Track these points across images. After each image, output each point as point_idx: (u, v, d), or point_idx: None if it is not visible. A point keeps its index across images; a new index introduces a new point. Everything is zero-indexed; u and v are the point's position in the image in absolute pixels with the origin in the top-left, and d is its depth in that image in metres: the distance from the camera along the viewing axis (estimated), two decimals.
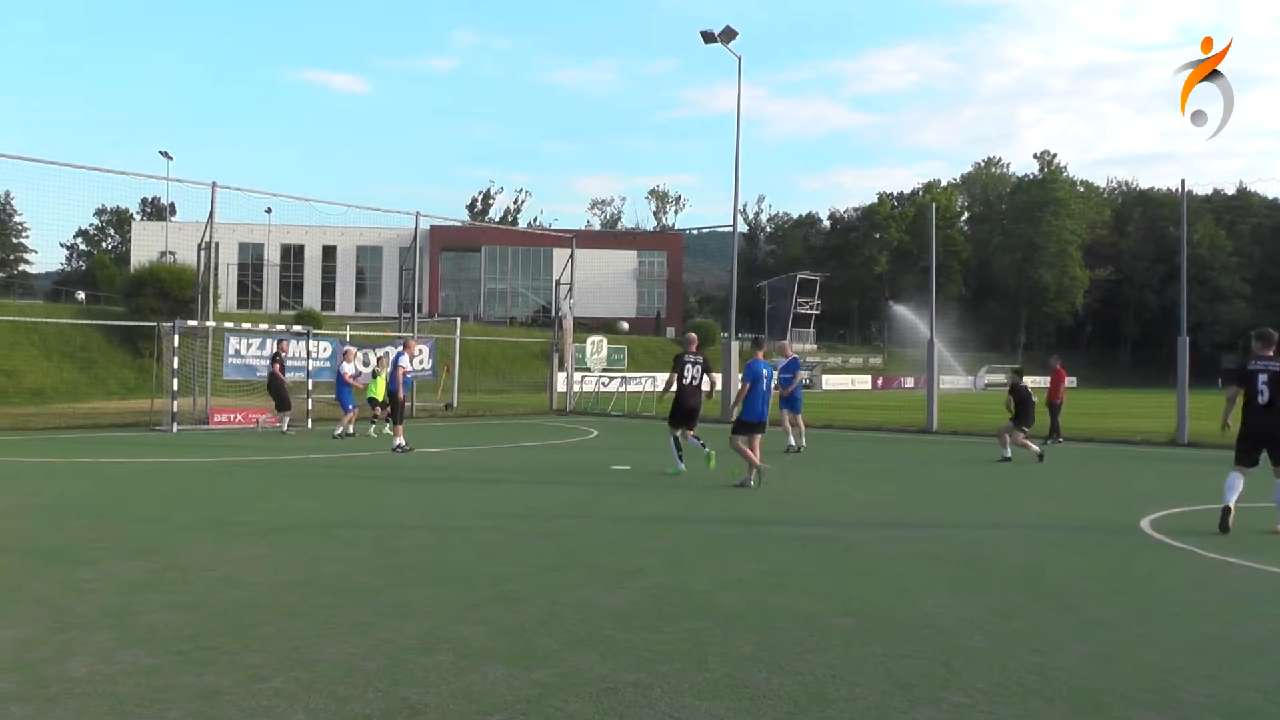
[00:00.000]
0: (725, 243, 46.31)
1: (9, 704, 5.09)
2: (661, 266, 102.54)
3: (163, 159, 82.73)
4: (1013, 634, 6.70)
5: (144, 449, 19.93)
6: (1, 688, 5.34)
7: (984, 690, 5.51)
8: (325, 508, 12.60)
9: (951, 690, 5.50)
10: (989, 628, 6.86)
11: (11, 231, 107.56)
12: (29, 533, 10.36)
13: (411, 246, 36.19)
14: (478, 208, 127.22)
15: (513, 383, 55.09)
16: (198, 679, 5.53)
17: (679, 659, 6.00)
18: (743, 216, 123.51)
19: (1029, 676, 5.75)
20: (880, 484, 16.17)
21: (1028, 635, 6.68)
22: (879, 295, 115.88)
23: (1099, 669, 5.95)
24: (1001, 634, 6.70)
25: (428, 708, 5.11)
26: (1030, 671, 5.84)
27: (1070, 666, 5.99)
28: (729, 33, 32.87)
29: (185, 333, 26.61)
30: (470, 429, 27.76)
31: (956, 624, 6.95)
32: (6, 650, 6.04)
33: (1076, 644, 6.50)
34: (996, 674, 5.80)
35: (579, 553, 9.65)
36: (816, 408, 40.94)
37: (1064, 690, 5.54)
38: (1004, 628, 6.87)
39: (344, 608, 7.21)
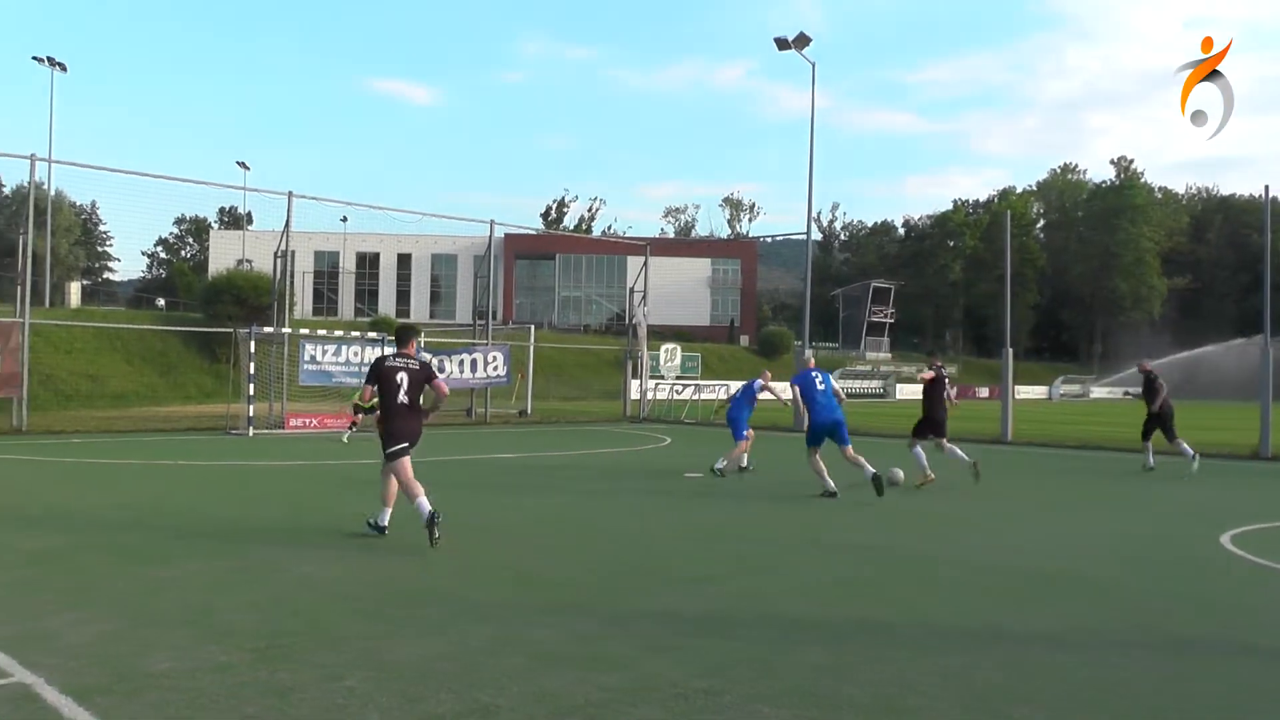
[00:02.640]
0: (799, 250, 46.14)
1: (93, 695, 5.19)
2: (735, 274, 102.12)
3: (240, 169, 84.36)
4: (1087, 649, 6.56)
5: (221, 452, 20.22)
6: (86, 680, 5.44)
7: (1055, 706, 5.41)
8: (398, 511, 12.68)
9: (1023, 704, 5.41)
10: (1063, 642, 6.72)
11: (96, 240, 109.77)
12: (112, 532, 10.56)
13: (486, 254, 36.41)
14: (552, 216, 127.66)
15: (586, 390, 55.18)
16: (273, 676, 5.60)
17: (750, 666, 5.96)
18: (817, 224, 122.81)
19: (1103, 694, 5.63)
20: (952, 495, 15.96)
21: (1102, 651, 6.54)
22: (953, 303, 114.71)
23: (1175, 689, 5.81)
24: (1075, 649, 6.56)
25: (500, 710, 5.13)
26: (1104, 689, 5.72)
27: (1145, 685, 5.85)
28: (803, 39, 32.86)
29: (261, 339, 27.00)
30: (543, 435, 27.86)
31: (1029, 637, 6.84)
32: (90, 644, 6.16)
33: (1152, 662, 6.37)
34: (1069, 690, 5.68)
35: (651, 559, 9.64)
36: (888, 418, 40.61)
37: (1138, 710, 5.42)
38: (1078, 643, 6.73)
39: (417, 609, 7.26)
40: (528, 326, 44.12)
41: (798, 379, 15.46)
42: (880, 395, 75.13)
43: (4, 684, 5.39)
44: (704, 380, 46.48)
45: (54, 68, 58.11)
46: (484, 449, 22.08)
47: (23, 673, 5.55)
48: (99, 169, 40.26)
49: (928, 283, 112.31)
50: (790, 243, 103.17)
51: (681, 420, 35.58)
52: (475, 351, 33.49)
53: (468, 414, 35.01)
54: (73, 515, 11.69)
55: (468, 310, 65.51)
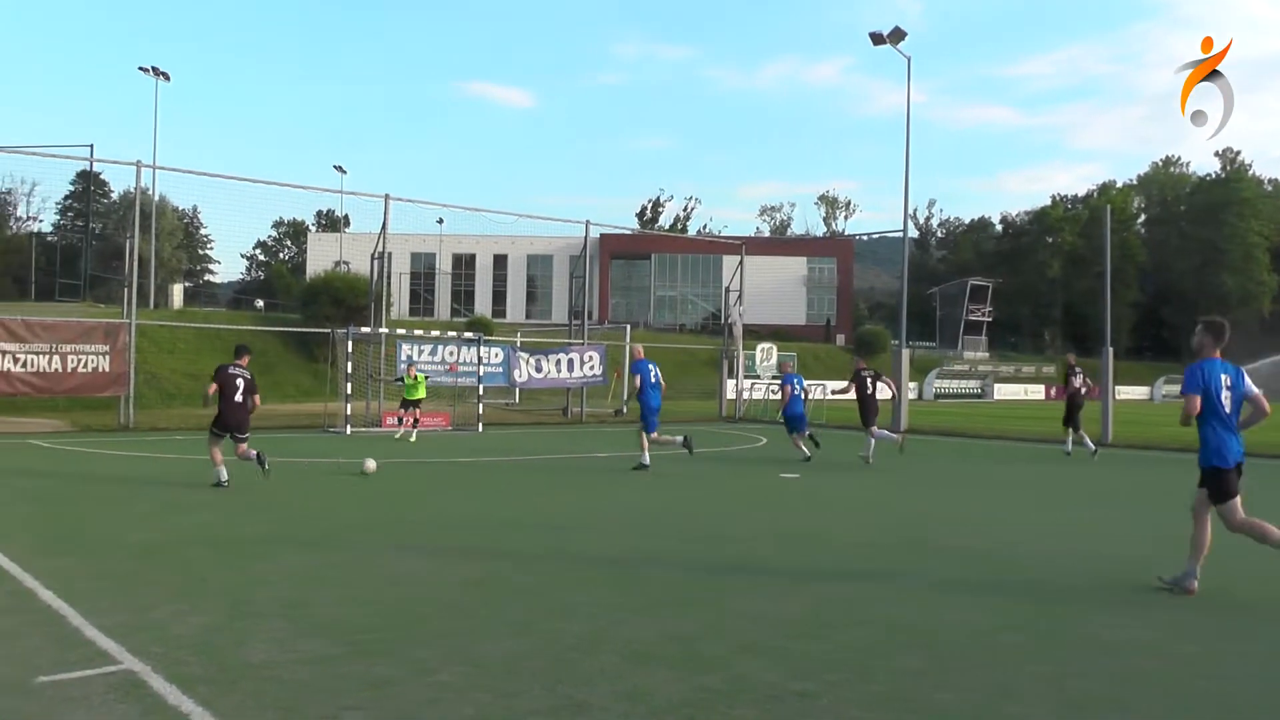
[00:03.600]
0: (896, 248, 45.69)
1: (196, 684, 5.31)
2: (831, 273, 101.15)
3: (337, 173, 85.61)
4: (1190, 659, 6.37)
5: (318, 450, 20.53)
6: (189, 669, 5.57)
7: (1157, 716, 5.29)
8: (493, 508, 12.80)
9: (1123, 714, 5.29)
10: (1165, 651, 6.54)
11: (198, 244, 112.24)
12: (213, 527, 10.77)
13: (582, 255, 36.57)
14: (647, 215, 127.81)
15: (682, 389, 55.01)
16: (368, 669, 5.66)
17: (846, 669, 5.90)
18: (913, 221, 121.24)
19: (1205, 705, 5.48)
20: (1053, 497, 15.71)
21: (1206, 661, 6.34)
22: (1051, 301, 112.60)
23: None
24: (1178, 658, 6.38)
25: (592, 707, 5.13)
26: (1207, 699, 5.56)
27: (1250, 697, 5.67)
28: (898, 34, 32.52)
29: (358, 339, 27.38)
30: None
31: (1130, 644, 6.65)
32: (193, 635, 6.31)
33: (1259, 674, 6.16)
34: (1170, 700, 5.54)
35: (746, 559, 9.59)
36: (987, 418, 40.10)
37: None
38: (1181, 652, 6.53)
39: (510, 605, 7.30)
40: (623, 326, 44.15)
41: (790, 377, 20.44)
42: (978, 395, 74.00)
43: (113, 671, 5.54)
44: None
45: (158, 77, 59.44)
46: (580, 448, 22.19)
47: (131, 660, 5.70)
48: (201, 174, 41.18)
49: (1026, 280, 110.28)
50: (886, 240, 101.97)
51: (777, 420, 35.36)
52: (571, 351, 33.68)
53: (564, 413, 35.23)
54: (176, 510, 11.94)
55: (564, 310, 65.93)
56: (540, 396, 39.45)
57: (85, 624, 6.48)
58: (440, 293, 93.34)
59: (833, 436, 27.04)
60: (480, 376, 29.24)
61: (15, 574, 7.99)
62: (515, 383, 33.07)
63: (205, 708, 4.98)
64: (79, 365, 24.75)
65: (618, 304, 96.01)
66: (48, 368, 24.41)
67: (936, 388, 71.59)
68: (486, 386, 29.93)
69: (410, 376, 24.49)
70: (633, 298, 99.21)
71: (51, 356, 24.45)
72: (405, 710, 5.04)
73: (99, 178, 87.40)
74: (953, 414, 43.30)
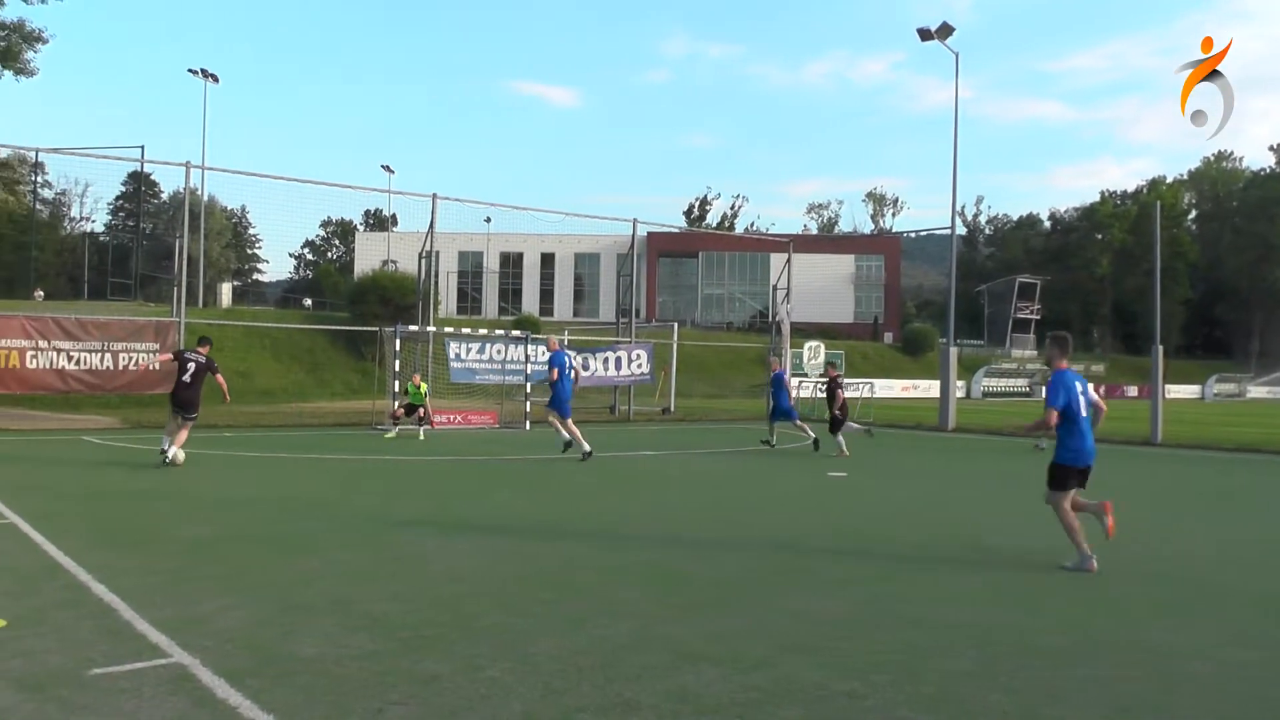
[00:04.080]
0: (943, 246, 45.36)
1: (244, 678, 5.34)
2: (879, 270, 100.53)
3: (385, 172, 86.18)
4: (1244, 666, 6.23)
5: (367, 447, 20.62)
6: (237, 663, 5.61)
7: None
8: (542, 507, 12.80)
9: (1167, 718, 5.21)
10: (1217, 656, 6.39)
11: (246, 243, 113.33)
12: (262, 523, 10.85)
13: (629, 253, 36.55)
14: (694, 214, 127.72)
15: (729, 388, 55.09)
16: (417, 665, 5.66)
17: (893, 670, 5.84)
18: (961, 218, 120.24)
19: (1258, 714, 5.38)
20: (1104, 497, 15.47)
21: (1261, 668, 6.20)
22: (1100, 299, 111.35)
23: None
24: (1231, 664, 6.23)
25: (641, 705, 5.11)
26: (1262, 708, 5.46)
27: None
28: (945, 29, 32.28)
29: (406, 337, 27.49)
30: (686, 433, 27.83)
31: (1181, 650, 6.53)
32: (241, 629, 6.34)
33: None
34: (1222, 707, 5.42)
35: (794, 558, 9.53)
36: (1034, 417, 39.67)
37: None
38: (1234, 658, 6.38)
39: (560, 603, 7.28)
40: (671, 324, 44.05)
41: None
42: (1026, 395, 73.29)
43: (164, 664, 5.59)
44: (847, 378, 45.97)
45: (207, 79, 59.96)
46: (627, 446, 22.15)
47: (180, 654, 5.75)
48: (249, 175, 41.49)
49: (1074, 278, 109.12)
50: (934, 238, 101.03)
51: (824, 419, 35.19)
52: (619, 349, 33.67)
53: (611, 411, 35.20)
54: (226, 506, 12.03)
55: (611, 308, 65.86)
56: (587, 395, 39.50)
57: (136, 618, 6.54)
58: (488, 291, 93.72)
59: (883, 436, 26.87)
60: (527, 375, 29.28)
61: (70, 568, 8.07)
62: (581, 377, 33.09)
63: (254, 700, 5.01)
64: (130, 363, 25.01)
65: (665, 302, 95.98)
66: (100, 365, 24.70)
67: (984, 386, 71.07)
68: (533, 385, 29.97)
69: (414, 384, 24.73)
70: (680, 296, 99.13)
71: (104, 354, 24.73)
72: (453, 706, 5.04)
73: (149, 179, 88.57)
74: (1000, 412, 42.93)
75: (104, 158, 32.28)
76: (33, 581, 7.62)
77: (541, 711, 4.99)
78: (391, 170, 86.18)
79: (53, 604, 6.93)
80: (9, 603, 6.90)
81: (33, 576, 7.80)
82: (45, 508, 11.46)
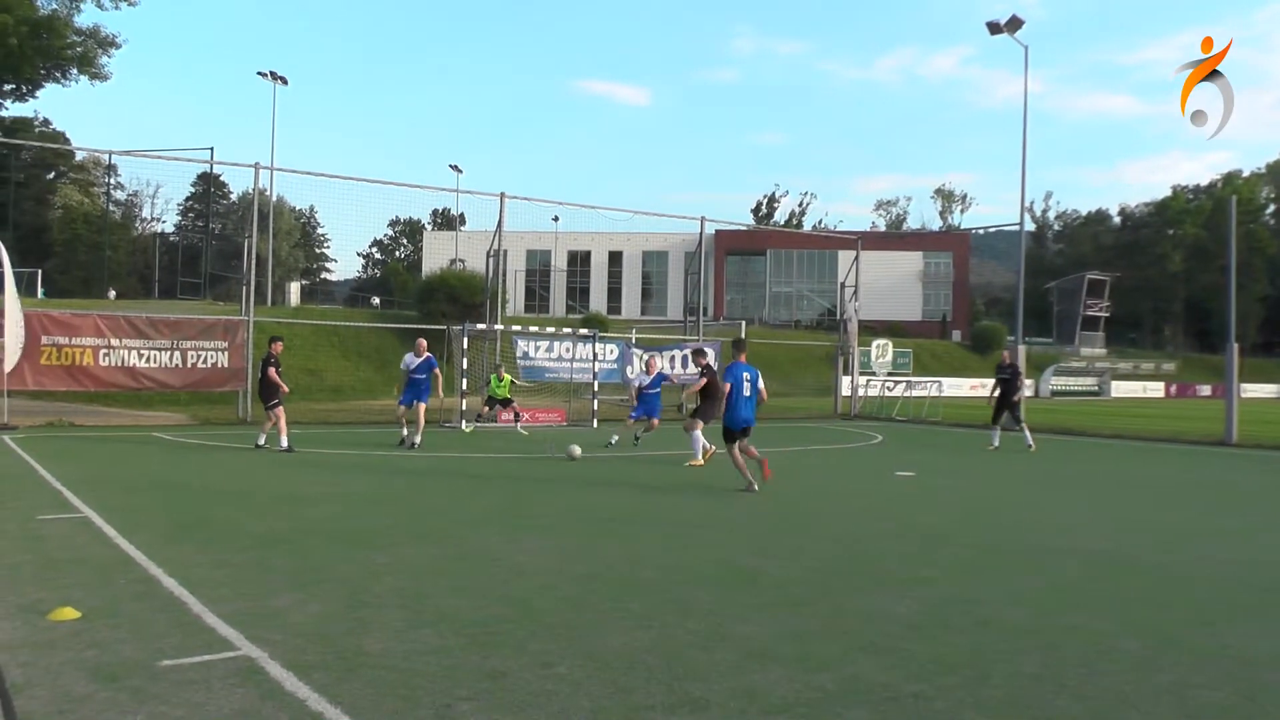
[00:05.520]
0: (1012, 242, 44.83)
1: (313, 671, 5.36)
2: (948, 268, 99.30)
3: (453, 172, 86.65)
4: None
5: (436, 444, 20.71)
6: (306, 657, 5.62)
7: None
8: (611, 504, 12.79)
9: None
10: None
11: (315, 243, 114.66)
12: (331, 519, 10.90)
13: (697, 251, 36.51)
14: (762, 211, 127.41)
15: (797, 386, 54.77)
16: (485, 661, 5.64)
17: (962, 672, 5.74)
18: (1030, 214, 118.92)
19: None
20: (1176, 499, 15.22)
21: None
22: (1172, 296, 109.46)
23: None
24: None
25: (709, 704, 5.05)
26: None
27: None
28: (1015, 22, 31.92)
29: (474, 335, 27.62)
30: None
31: (1262, 655, 6.32)
32: (310, 623, 6.37)
33: None
34: None
35: (863, 559, 9.42)
36: (1104, 416, 39.16)
37: None
38: None
39: (628, 601, 7.24)
40: (739, 322, 43.98)
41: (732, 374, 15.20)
42: (1095, 393, 72.38)
43: (233, 656, 5.62)
44: (915, 377, 45.61)
45: (276, 81, 60.68)
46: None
47: (249, 647, 5.77)
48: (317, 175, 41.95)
49: (1145, 274, 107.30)
50: (1003, 234, 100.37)
51: (894, 418, 34.96)
52: (687, 348, 33.61)
53: (679, 410, 35.14)
54: (295, 501, 12.14)
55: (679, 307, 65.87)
56: None
57: (206, 611, 6.59)
58: (555, 290, 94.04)
59: (950, 435, 26.58)
60: (595, 373, 29.31)
61: (142, 562, 8.16)
62: (630, 379, 33.13)
63: (322, 694, 5.02)
64: (199, 361, 25.38)
65: (733, 300, 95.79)
66: (170, 363, 25.09)
67: (1053, 385, 70.22)
68: (601, 383, 29.99)
69: (497, 376, 24.85)
70: (748, 294, 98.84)
71: (174, 353, 25.12)
72: (520, 702, 5.01)
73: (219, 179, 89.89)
74: (1070, 412, 42.37)
75: (175, 159, 32.79)
76: (106, 574, 7.71)
77: (609, 709, 4.95)
78: (460, 170, 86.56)
79: (125, 596, 7.01)
80: (83, 595, 6.98)
81: (106, 569, 7.89)
82: (118, 502, 11.64)
